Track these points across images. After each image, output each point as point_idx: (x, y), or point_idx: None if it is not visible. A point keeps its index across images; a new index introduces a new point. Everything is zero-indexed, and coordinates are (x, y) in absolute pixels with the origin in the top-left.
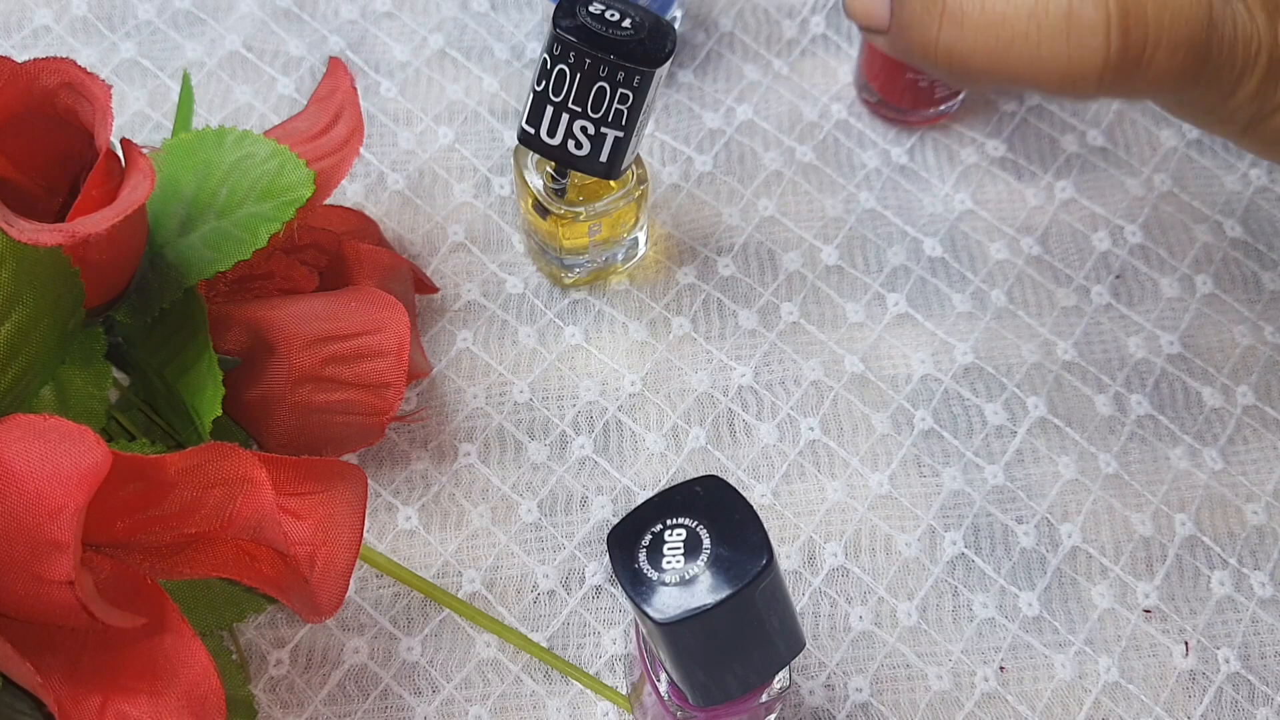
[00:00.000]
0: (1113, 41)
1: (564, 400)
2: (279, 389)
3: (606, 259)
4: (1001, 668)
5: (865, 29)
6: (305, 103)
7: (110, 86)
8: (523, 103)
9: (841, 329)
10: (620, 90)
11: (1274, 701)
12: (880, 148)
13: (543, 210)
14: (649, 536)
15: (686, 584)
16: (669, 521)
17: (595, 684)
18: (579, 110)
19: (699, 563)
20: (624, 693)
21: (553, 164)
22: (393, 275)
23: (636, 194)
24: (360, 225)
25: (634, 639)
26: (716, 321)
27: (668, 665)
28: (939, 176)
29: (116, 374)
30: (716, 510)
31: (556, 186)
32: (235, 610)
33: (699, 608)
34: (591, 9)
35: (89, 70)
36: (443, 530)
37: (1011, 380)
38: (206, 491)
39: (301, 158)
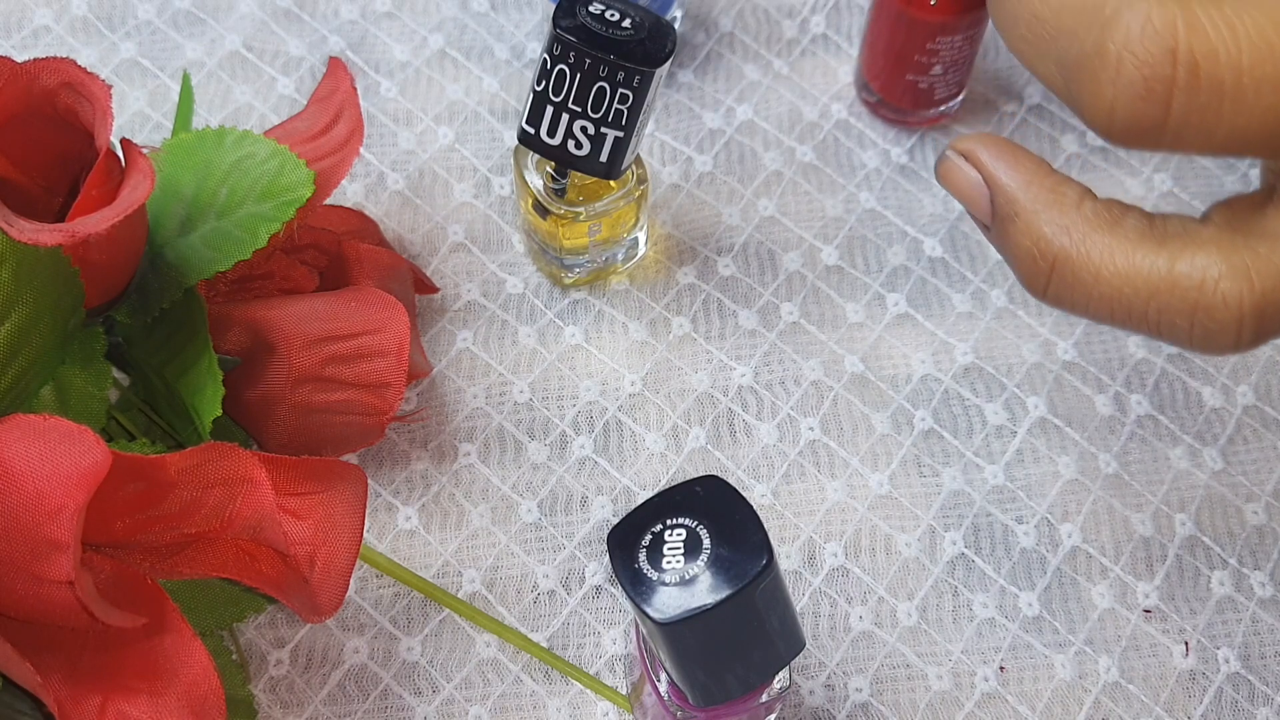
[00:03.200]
0: (1244, 336)
1: (564, 400)
2: (279, 389)
3: (606, 259)
4: (1001, 668)
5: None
6: (305, 103)
7: (110, 86)
8: (523, 103)
9: (841, 329)
10: (620, 90)
11: (1274, 701)
12: (880, 148)
13: (543, 210)
14: (649, 536)
15: (686, 584)
16: (669, 521)
17: (595, 684)
18: (579, 110)
19: (699, 563)
20: (624, 693)
21: (553, 164)
22: (393, 275)
23: (636, 194)
24: (360, 225)
25: (634, 639)
26: (716, 321)
27: (668, 665)
28: None
29: (116, 374)
30: (716, 510)
31: (556, 186)
32: (235, 610)
33: (699, 608)
34: (591, 9)
35: (89, 70)
36: (443, 530)
37: (1011, 380)
38: (206, 491)
39: (301, 158)
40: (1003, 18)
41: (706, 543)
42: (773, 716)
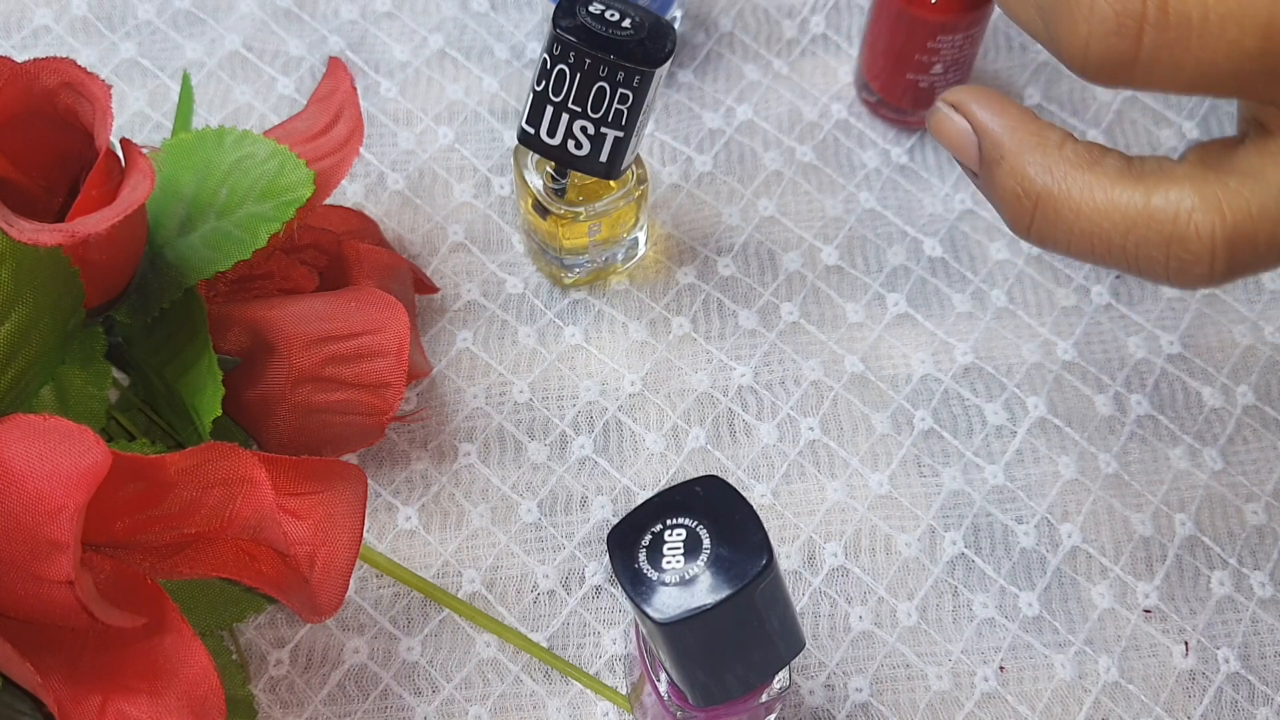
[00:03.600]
0: (1217, 266)
1: (564, 400)
2: (279, 389)
3: (606, 259)
4: (1001, 668)
5: (955, 160)
6: (305, 103)
7: (110, 86)
8: (523, 103)
9: (841, 329)
10: (620, 90)
11: (1274, 701)
12: (880, 148)
13: (543, 210)
14: (649, 536)
15: (686, 584)
16: (669, 521)
17: (595, 684)
18: (579, 110)
19: (699, 563)
20: (624, 693)
21: (553, 164)
22: (393, 275)
23: (636, 194)
24: (360, 225)
25: (634, 639)
26: (716, 321)
27: (668, 665)
28: (939, 176)
29: (116, 374)
30: (716, 510)
31: (556, 186)
32: (235, 610)
33: (699, 608)
34: (591, 9)
35: (89, 70)
36: (443, 530)
37: (1011, 380)
38: (206, 491)
39: (301, 158)
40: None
41: (706, 543)
42: (773, 716)
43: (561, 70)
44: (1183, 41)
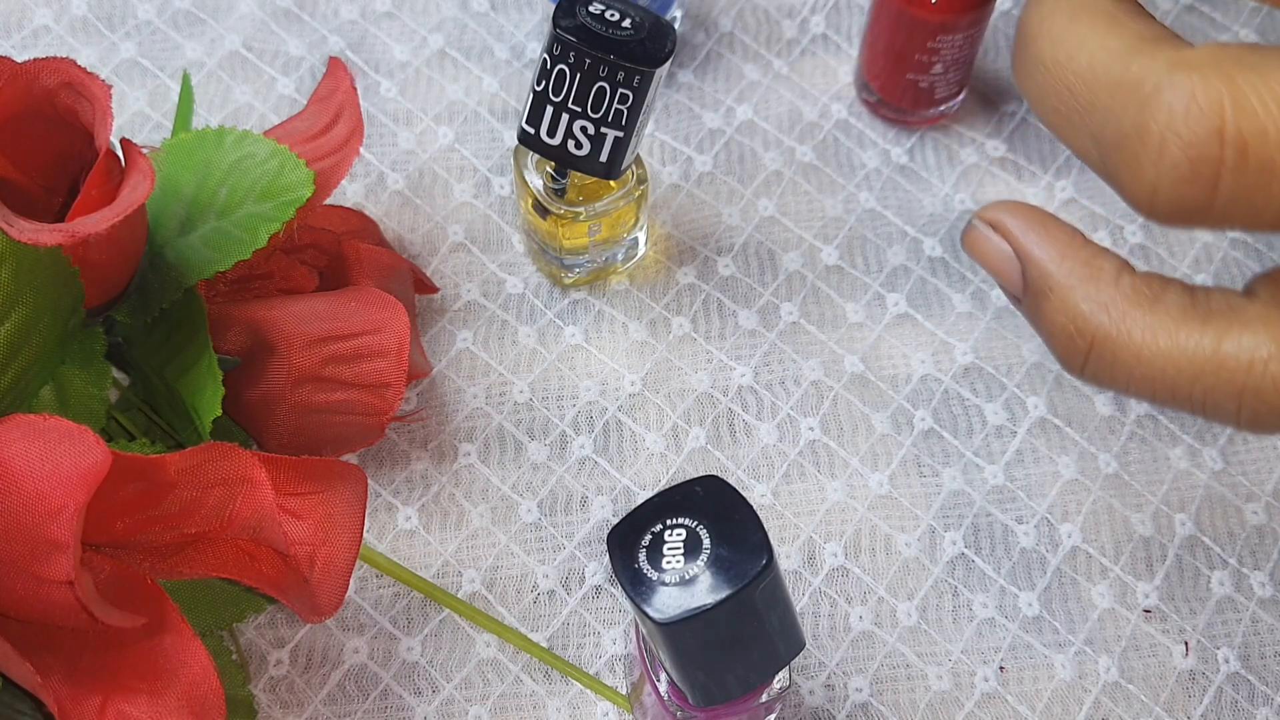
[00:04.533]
0: None
1: (564, 400)
2: (279, 389)
3: (606, 259)
4: (1001, 668)
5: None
6: (305, 103)
7: (110, 86)
8: (523, 103)
9: (841, 329)
10: (620, 90)
11: (1274, 701)
12: (880, 148)
13: (543, 210)
14: (649, 536)
15: (686, 584)
16: (669, 521)
17: (595, 684)
18: (579, 110)
19: (699, 563)
20: (624, 693)
21: (553, 164)
22: (393, 275)
23: (636, 194)
24: (360, 225)
25: (634, 639)
26: (716, 321)
27: (668, 665)
28: (939, 176)
29: (116, 374)
30: (716, 510)
31: (556, 186)
32: (235, 610)
33: (699, 608)
34: (591, 9)
35: (89, 70)
36: (443, 530)
37: (1011, 380)
38: (206, 491)
39: (301, 158)
40: (1031, 88)
41: (706, 543)
42: (773, 716)
43: (561, 70)
44: (1264, 186)
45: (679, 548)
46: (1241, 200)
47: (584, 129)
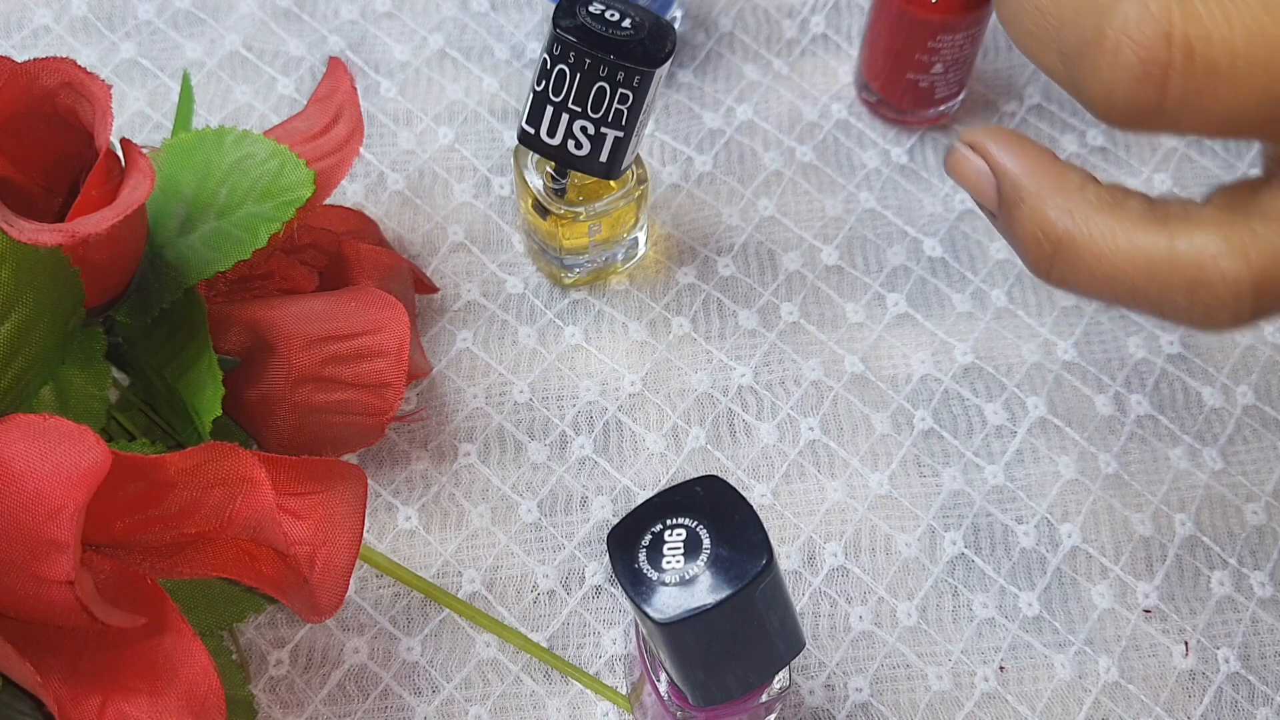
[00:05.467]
0: (1243, 313)
1: (564, 400)
2: (279, 389)
3: (606, 259)
4: (1001, 668)
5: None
6: (305, 103)
7: (110, 86)
8: (523, 103)
9: (841, 329)
10: (620, 90)
11: (1274, 701)
12: (880, 148)
13: (543, 210)
14: (649, 536)
15: (686, 584)
16: (669, 521)
17: (595, 684)
18: (579, 110)
19: (699, 563)
20: (624, 693)
21: (553, 164)
22: (393, 275)
23: (636, 194)
24: (360, 225)
25: (634, 639)
26: (716, 321)
27: (668, 665)
28: (939, 176)
29: (116, 374)
30: (716, 510)
31: (556, 186)
32: (235, 610)
33: (699, 608)
34: (591, 9)
35: (89, 70)
36: (443, 530)
37: (1011, 380)
38: (206, 491)
39: (301, 158)
40: (1007, 12)
41: (706, 543)
42: (773, 716)
43: (561, 70)
44: (1210, 88)
45: (679, 548)
46: (1189, 101)
47: (584, 129)
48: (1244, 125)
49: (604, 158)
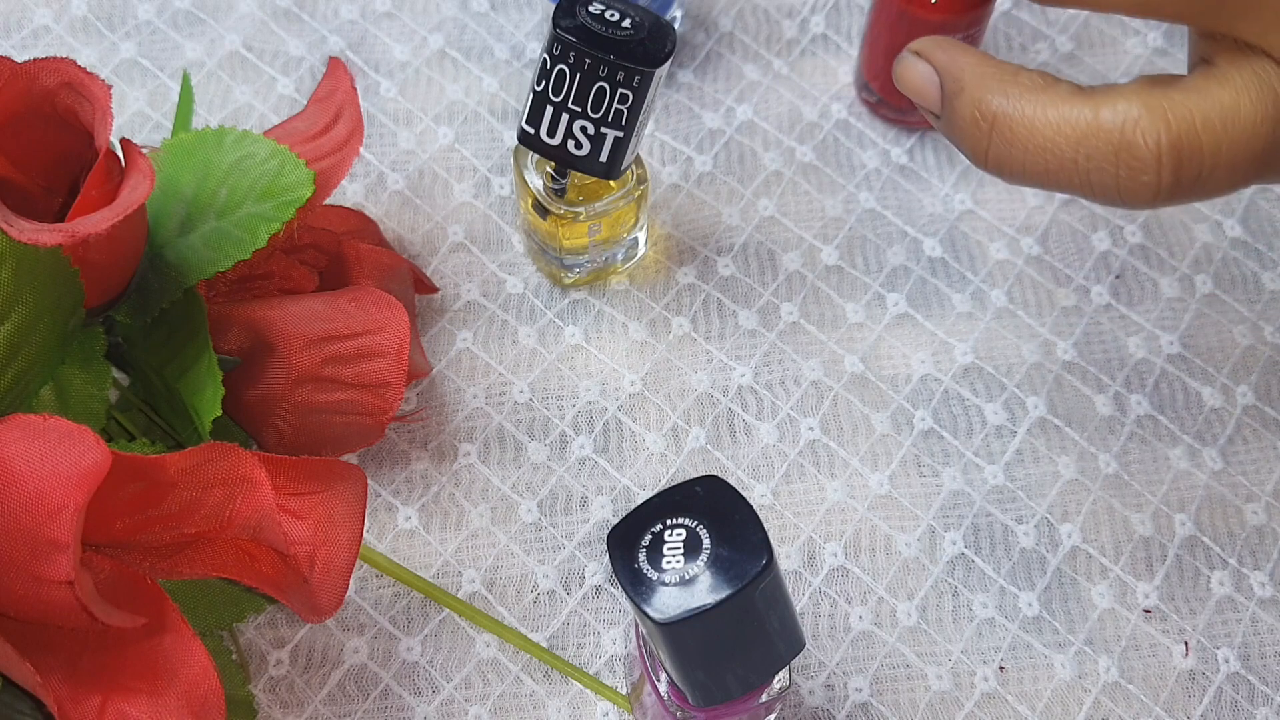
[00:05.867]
0: (1164, 175)
1: (564, 400)
2: (279, 389)
3: (606, 259)
4: (1001, 668)
5: (919, 107)
6: (305, 103)
7: (110, 86)
8: (523, 103)
9: (841, 329)
10: (620, 90)
11: (1274, 701)
12: (880, 148)
13: (543, 210)
14: (649, 536)
15: (686, 584)
16: (669, 521)
17: (595, 684)
18: (579, 110)
19: (699, 563)
20: (624, 693)
21: (553, 164)
22: (393, 275)
23: (636, 194)
24: (360, 225)
25: (634, 639)
26: (716, 321)
27: (668, 665)
28: (939, 176)
29: (116, 374)
30: (716, 510)
31: (556, 186)
32: (235, 610)
33: (699, 608)
34: (591, 9)
35: (89, 70)
36: (443, 530)
37: (1011, 380)
38: (206, 491)
39: (301, 158)
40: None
41: (706, 543)
42: (773, 716)
43: (561, 70)
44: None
45: (679, 548)
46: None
47: (584, 129)
48: (1155, 7)
49: (604, 158)
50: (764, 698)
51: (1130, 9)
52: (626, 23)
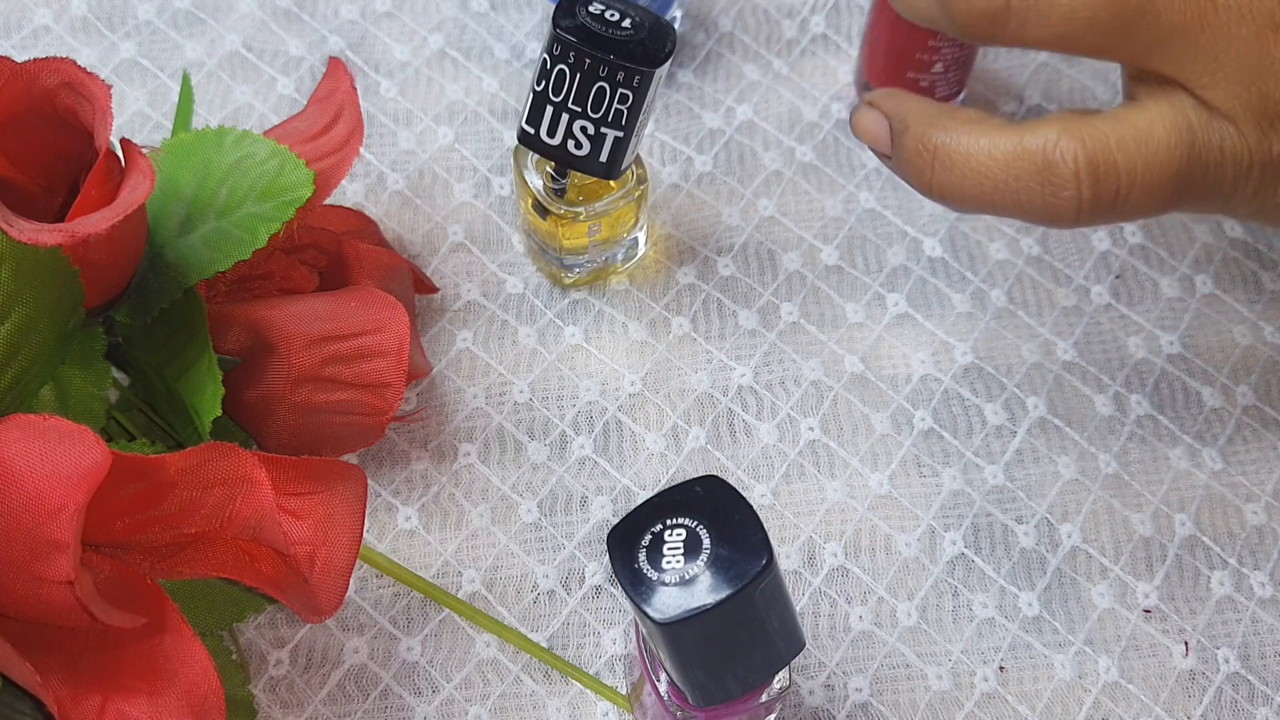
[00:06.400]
0: (1084, 192)
1: (564, 400)
2: (279, 389)
3: (606, 259)
4: (1001, 668)
5: (872, 151)
6: (305, 103)
7: (110, 86)
8: (523, 103)
9: (841, 329)
10: (620, 90)
11: (1274, 701)
12: None
13: (543, 210)
14: (649, 536)
15: (686, 584)
16: (669, 521)
17: (595, 684)
18: (579, 110)
19: (699, 563)
20: (624, 693)
21: (553, 164)
22: (393, 275)
23: (636, 194)
24: (360, 225)
25: (634, 639)
26: (716, 321)
27: (668, 665)
28: None
29: (116, 374)
30: (716, 510)
31: (556, 186)
32: (235, 610)
33: (699, 608)
34: (591, 9)
35: (89, 70)
36: (443, 530)
37: (1011, 380)
38: (206, 491)
39: (301, 158)
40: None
41: (706, 543)
42: (773, 716)
43: (561, 70)
44: (1043, 10)
45: (679, 548)
46: (1030, 15)
47: (584, 129)
48: (1078, 42)
49: (604, 158)
50: (764, 698)
51: (1051, 45)
52: (626, 23)
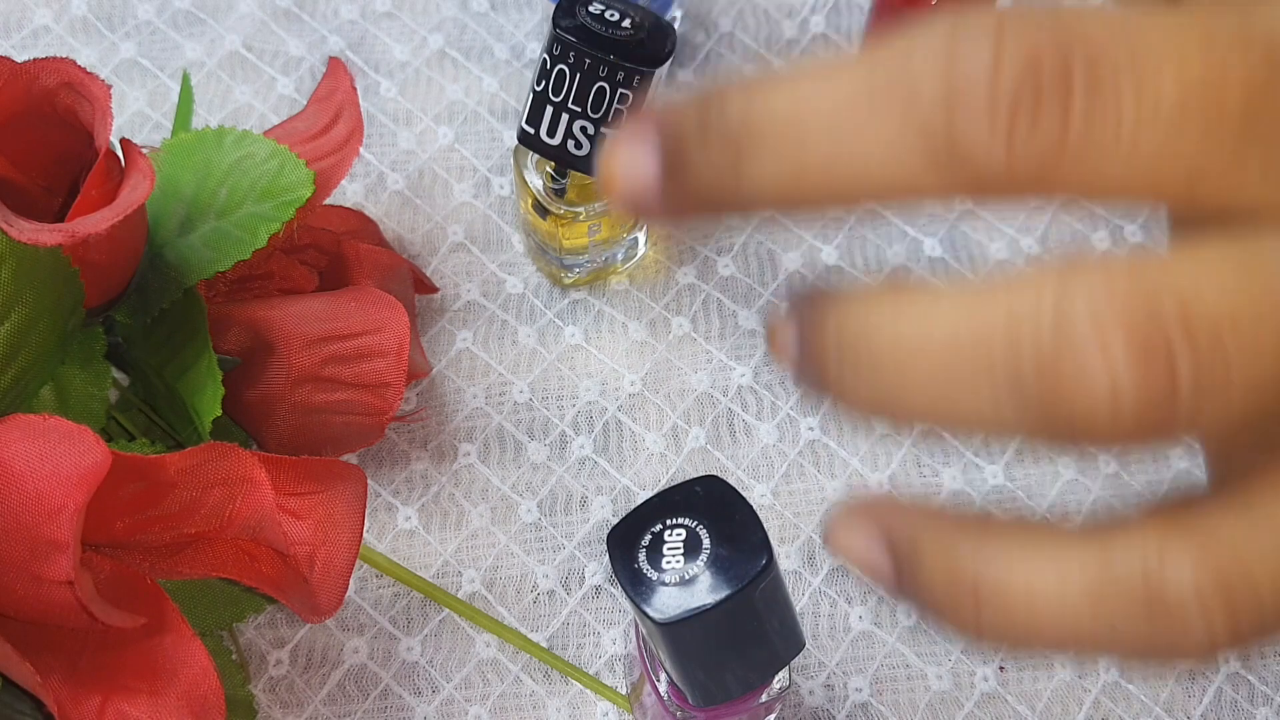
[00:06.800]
0: (1216, 625)
1: (564, 400)
2: (279, 389)
3: (606, 259)
4: (1001, 667)
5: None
6: (305, 103)
7: (110, 86)
8: (523, 103)
9: None
10: (620, 90)
11: (1274, 701)
12: None
13: (543, 210)
14: (649, 536)
15: (686, 584)
16: (669, 521)
17: (595, 684)
18: (579, 110)
19: (699, 563)
20: (624, 693)
21: (553, 164)
22: (393, 275)
23: None
24: (360, 225)
25: (634, 639)
26: (716, 321)
27: (668, 665)
28: None
29: (116, 374)
30: (716, 510)
31: (556, 186)
32: (235, 610)
33: (699, 608)
34: (591, 9)
35: (89, 70)
36: (443, 530)
37: None
38: (206, 491)
39: (301, 158)
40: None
41: (706, 543)
42: (773, 716)
43: (561, 70)
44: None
45: (679, 548)
46: (1206, 384)
47: (584, 129)
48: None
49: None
50: (764, 698)
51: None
52: (626, 23)
